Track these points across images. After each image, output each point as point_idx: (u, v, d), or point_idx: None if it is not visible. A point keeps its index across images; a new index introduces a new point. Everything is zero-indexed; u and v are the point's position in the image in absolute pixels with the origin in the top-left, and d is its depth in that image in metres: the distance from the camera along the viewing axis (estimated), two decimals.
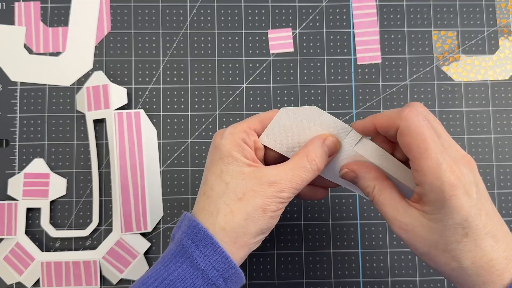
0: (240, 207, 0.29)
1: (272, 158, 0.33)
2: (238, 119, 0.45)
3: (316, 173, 0.31)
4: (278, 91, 0.45)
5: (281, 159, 0.33)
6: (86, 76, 0.45)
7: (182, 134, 0.45)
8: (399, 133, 0.29)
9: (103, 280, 0.43)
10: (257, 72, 0.46)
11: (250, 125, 0.32)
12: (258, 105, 0.45)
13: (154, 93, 0.45)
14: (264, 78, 0.46)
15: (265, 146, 0.33)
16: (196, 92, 0.45)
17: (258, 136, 0.32)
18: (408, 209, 0.30)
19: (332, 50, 0.46)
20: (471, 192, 0.28)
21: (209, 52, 0.46)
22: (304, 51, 0.46)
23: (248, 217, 0.29)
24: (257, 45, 0.46)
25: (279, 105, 0.45)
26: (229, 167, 0.30)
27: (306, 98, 0.45)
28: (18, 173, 0.44)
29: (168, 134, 0.45)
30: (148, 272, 0.29)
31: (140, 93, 0.45)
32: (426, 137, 0.28)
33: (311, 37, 0.46)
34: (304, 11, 0.46)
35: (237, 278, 0.29)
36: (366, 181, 0.32)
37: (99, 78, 0.44)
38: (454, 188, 0.27)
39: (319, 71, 0.46)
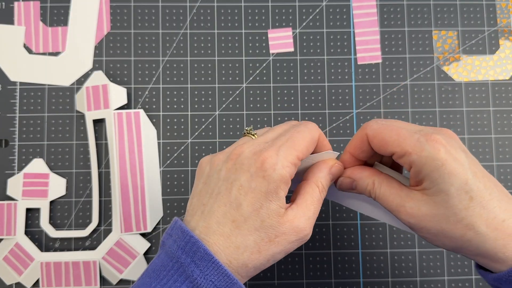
0: (269, 249, 0.29)
1: None
2: (238, 119, 0.45)
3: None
4: (278, 91, 0.45)
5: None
6: (86, 76, 0.45)
7: (182, 134, 0.45)
8: (371, 140, 0.31)
9: (103, 280, 0.43)
10: (257, 72, 0.46)
11: (299, 154, 0.30)
12: (258, 105, 0.45)
13: (154, 93, 0.45)
14: (264, 78, 0.45)
15: None
16: (196, 92, 0.45)
17: None
18: (410, 193, 0.30)
19: (332, 50, 0.46)
20: (460, 157, 0.28)
21: (209, 52, 0.46)
22: (304, 51, 0.46)
23: (273, 257, 0.29)
24: (257, 45, 0.46)
25: (279, 105, 0.45)
26: (271, 205, 0.29)
27: (306, 98, 0.45)
28: (17, 173, 0.43)
29: (168, 134, 0.45)
30: (140, 285, 0.29)
31: (139, 93, 0.45)
32: (393, 128, 0.30)
33: (311, 37, 0.46)
34: (304, 11, 0.46)
35: None
36: (364, 180, 0.32)
37: (99, 78, 0.44)
38: (441, 153, 0.28)
39: (319, 71, 0.46)
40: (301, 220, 0.30)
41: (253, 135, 0.32)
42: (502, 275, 0.28)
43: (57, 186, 0.43)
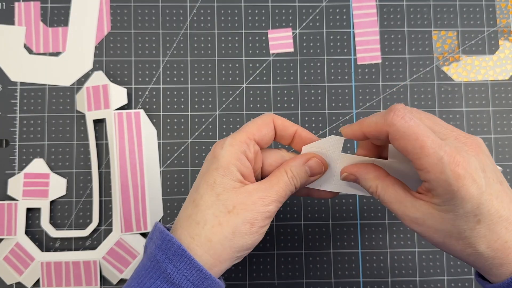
0: (229, 220, 0.29)
1: (270, 166, 0.34)
2: (238, 119, 0.45)
3: (295, 189, 0.32)
4: (278, 91, 0.45)
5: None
6: (86, 76, 0.45)
7: (182, 134, 0.45)
8: (392, 139, 0.29)
9: (103, 280, 0.43)
10: (257, 72, 0.46)
11: (249, 135, 0.31)
12: (258, 105, 0.45)
13: (154, 93, 0.45)
14: (264, 78, 0.46)
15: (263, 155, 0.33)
16: (196, 92, 0.45)
17: (258, 144, 0.32)
18: (415, 203, 0.29)
19: (332, 50, 0.46)
20: (479, 179, 0.27)
21: (209, 52, 0.46)
22: (304, 51, 0.46)
23: (236, 230, 0.29)
24: (257, 45, 0.46)
25: (279, 105, 0.45)
26: (223, 179, 0.30)
27: (306, 98, 0.45)
28: (18, 173, 0.44)
29: (168, 134, 0.45)
30: None
31: (140, 93, 0.45)
32: (418, 136, 0.27)
33: (311, 37, 0.46)
34: (304, 11, 0.46)
35: None
36: (367, 182, 0.32)
37: (99, 78, 0.44)
38: (461, 178, 0.27)
39: (319, 71, 0.46)
40: (259, 190, 0.30)
41: None
42: (497, 286, 0.29)
43: (57, 186, 0.43)
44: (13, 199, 0.43)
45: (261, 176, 0.34)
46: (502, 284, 0.28)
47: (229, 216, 0.29)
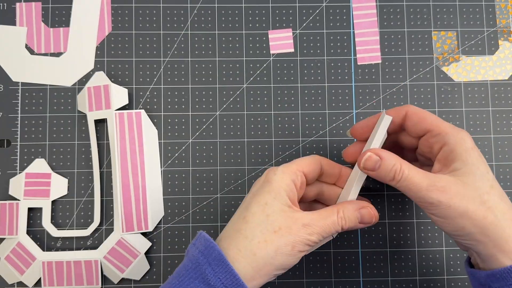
0: (274, 239, 0.32)
1: (308, 197, 0.38)
2: (238, 119, 0.45)
3: (341, 230, 0.35)
4: (279, 91, 0.46)
5: (316, 199, 0.39)
6: (87, 76, 0.45)
7: (183, 134, 0.45)
8: (410, 114, 0.35)
9: (104, 279, 0.43)
10: (258, 72, 0.46)
11: (299, 167, 0.35)
12: (259, 105, 0.45)
13: (155, 93, 0.45)
14: (265, 79, 0.46)
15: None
16: (196, 92, 0.45)
17: (304, 176, 0.35)
18: (437, 175, 0.33)
19: (332, 51, 0.46)
20: (481, 158, 0.33)
21: (210, 52, 0.46)
22: (305, 51, 0.46)
23: (279, 249, 0.32)
24: (257, 45, 0.46)
25: (279, 105, 0.45)
26: (274, 201, 0.33)
27: (306, 98, 0.46)
28: (19, 173, 0.44)
29: (169, 134, 0.45)
30: (165, 286, 0.32)
31: (141, 93, 0.45)
32: (430, 114, 0.35)
33: (311, 38, 0.46)
34: (304, 11, 0.46)
35: None
36: (391, 160, 0.34)
37: (100, 78, 0.44)
38: (472, 143, 0.33)
39: (319, 71, 0.46)
40: (306, 217, 0.33)
41: None
42: (497, 272, 0.31)
43: (59, 186, 0.44)
44: (14, 198, 0.43)
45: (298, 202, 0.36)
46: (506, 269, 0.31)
47: (274, 236, 0.32)
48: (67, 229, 0.44)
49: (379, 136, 0.36)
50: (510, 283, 0.31)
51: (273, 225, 0.32)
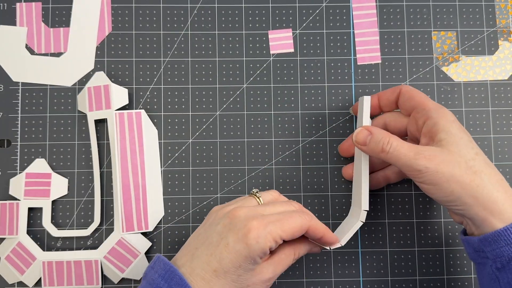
0: None
1: None
2: (238, 119, 0.45)
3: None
4: (278, 91, 0.46)
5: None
6: (88, 76, 0.45)
7: (183, 134, 0.45)
8: (402, 92, 0.39)
9: (105, 279, 0.43)
10: (258, 72, 0.46)
11: (283, 235, 0.33)
12: (259, 105, 0.45)
13: (155, 93, 0.45)
14: (265, 79, 0.46)
15: None
16: (196, 93, 0.45)
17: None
18: (425, 147, 0.35)
19: (332, 51, 0.46)
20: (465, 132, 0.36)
21: (210, 52, 0.46)
22: (304, 51, 0.46)
23: None
24: (257, 45, 0.46)
25: (279, 105, 0.45)
26: (248, 265, 0.33)
27: (306, 98, 0.46)
28: (19, 173, 0.44)
29: (169, 134, 0.45)
30: None
31: (141, 93, 0.45)
32: (419, 92, 0.39)
33: (311, 38, 0.46)
34: (304, 11, 0.47)
35: None
36: (379, 134, 0.37)
37: (100, 78, 0.44)
38: (454, 117, 0.36)
39: (319, 71, 0.46)
40: (269, 273, 0.35)
41: (258, 197, 0.37)
42: (488, 235, 0.33)
43: (59, 186, 0.44)
44: (15, 198, 0.43)
45: None
46: (499, 231, 0.33)
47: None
48: (67, 229, 0.44)
49: (365, 115, 0.40)
50: (501, 245, 0.32)
51: (242, 284, 0.34)
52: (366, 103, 0.41)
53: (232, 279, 0.33)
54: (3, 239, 0.43)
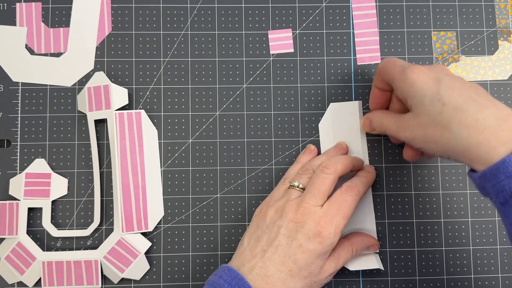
0: None
1: None
2: (238, 119, 0.45)
3: None
4: (278, 92, 0.46)
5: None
6: (87, 76, 0.45)
7: (183, 134, 0.45)
8: (379, 69, 0.40)
9: (104, 279, 0.43)
10: (257, 72, 0.46)
11: (346, 222, 0.37)
12: (259, 105, 0.45)
13: (155, 93, 0.45)
14: (264, 79, 0.46)
15: None
16: (196, 93, 0.45)
17: None
18: (403, 116, 0.37)
19: (332, 51, 0.46)
20: (436, 76, 0.34)
21: (210, 52, 0.46)
22: (304, 51, 0.46)
23: None
24: (257, 45, 0.46)
25: (279, 105, 0.45)
26: (319, 262, 0.36)
27: (306, 98, 0.46)
28: (19, 173, 0.44)
29: (169, 134, 0.45)
30: None
31: (141, 93, 0.45)
32: (393, 61, 0.38)
33: (311, 38, 0.46)
34: (304, 11, 0.47)
35: None
36: (376, 118, 0.41)
37: (100, 78, 0.44)
38: (415, 75, 0.35)
39: (319, 71, 0.46)
40: (331, 269, 0.38)
41: (301, 189, 0.39)
42: (486, 171, 0.31)
43: (59, 186, 0.44)
44: (14, 199, 0.43)
45: None
46: (491, 168, 0.31)
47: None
48: (67, 229, 0.44)
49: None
50: (501, 179, 0.30)
51: (311, 280, 0.36)
52: (358, 108, 0.45)
53: (304, 276, 0.36)
54: (3, 239, 0.43)
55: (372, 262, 0.42)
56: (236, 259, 0.37)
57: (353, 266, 0.41)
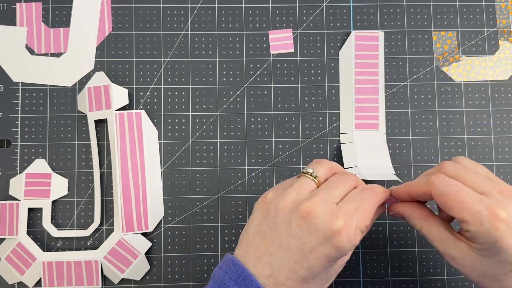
0: (325, 285, 0.33)
1: None
2: (239, 119, 0.45)
3: None
4: (279, 92, 0.46)
5: None
6: (88, 76, 0.45)
7: (183, 134, 0.45)
8: (435, 198, 0.32)
9: (105, 279, 0.43)
10: (258, 72, 0.46)
11: (368, 223, 0.33)
12: (259, 106, 0.45)
13: (155, 93, 0.45)
14: (265, 79, 0.46)
15: None
16: (197, 93, 0.45)
17: None
18: (457, 243, 0.32)
19: (332, 51, 0.46)
20: None
21: (210, 52, 0.46)
22: (305, 51, 0.46)
23: None
24: (257, 45, 0.46)
25: (279, 105, 0.45)
26: (337, 263, 0.33)
27: (306, 98, 0.46)
28: (19, 173, 0.44)
29: (169, 134, 0.45)
30: None
31: (141, 93, 0.45)
32: (457, 192, 0.30)
33: (311, 38, 0.46)
34: (304, 11, 0.46)
35: None
36: (413, 221, 0.35)
37: (100, 78, 0.44)
38: (499, 231, 0.29)
39: (319, 71, 0.46)
40: (348, 256, 0.35)
41: (315, 177, 0.33)
42: None
43: (59, 186, 0.44)
44: (15, 199, 0.43)
45: None
46: None
47: (326, 283, 0.34)
48: (67, 229, 0.44)
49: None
50: None
51: (327, 277, 0.33)
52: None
53: (320, 278, 0.32)
54: (3, 239, 0.43)
55: (388, 175, 0.42)
56: (240, 251, 0.33)
57: (369, 176, 0.40)
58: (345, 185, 0.33)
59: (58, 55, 0.45)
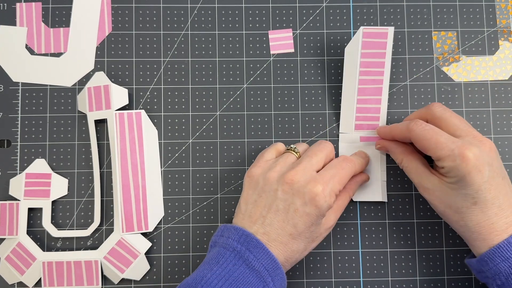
0: (311, 246, 0.39)
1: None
2: (239, 119, 0.45)
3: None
4: (279, 92, 0.46)
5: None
6: (88, 76, 0.45)
7: (183, 134, 0.45)
8: (414, 141, 0.38)
9: (104, 279, 0.43)
10: (258, 72, 0.46)
11: (341, 187, 0.38)
12: (259, 106, 0.45)
13: (155, 93, 0.45)
14: (265, 79, 0.46)
15: None
16: (197, 93, 0.45)
17: None
18: (430, 177, 0.38)
19: (332, 51, 0.46)
20: (484, 170, 0.34)
21: (210, 52, 0.46)
22: (305, 51, 0.46)
23: (308, 248, 0.39)
24: (257, 45, 0.46)
25: (279, 105, 0.45)
26: (318, 221, 0.37)
27: (306, 98, 0.46)
28: (19, 173, 0.44)
29: (169, 134, 0.45)
30: (205, 273, 0.34)
31: (141, 93, 0.45)
32: (432, 136, 0.36)
33: (311, 38, 0.46)
34: (304, 11, 0.46)
35: (281, 277, 0.36)
36: (395, 154, 0.41)
37: (100, 78, 0.44)
38: (468, 167, 0.34)
39: (319, 71, 0.46)
40: (332, 220, 0.40)
41: (297, 153, 0.40)
42: (484, 255, 0.35)
43: (59, 186, 0.44)
44: (14, 199, 0.43)
45: None
46: (482, 256, 0.35)
47: (312, 243, 0.39)
48: (67, 229, 0.44)
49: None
50: (497, 262, 0.34)
51: (312, 237, 0.38)
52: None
53: (306, 236, 0.37)
54: (3, 239, 0.43)
55: (377, 194, 0.44)
56: (237, 219, 0.38)
57: (358, 198, 0.44)
58: (322, 152, 0.39)
59: (58, 55, 0.45)
